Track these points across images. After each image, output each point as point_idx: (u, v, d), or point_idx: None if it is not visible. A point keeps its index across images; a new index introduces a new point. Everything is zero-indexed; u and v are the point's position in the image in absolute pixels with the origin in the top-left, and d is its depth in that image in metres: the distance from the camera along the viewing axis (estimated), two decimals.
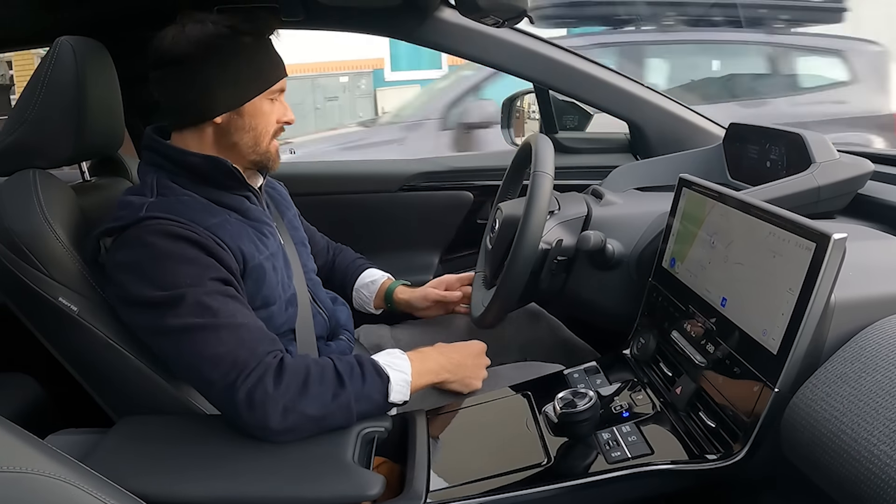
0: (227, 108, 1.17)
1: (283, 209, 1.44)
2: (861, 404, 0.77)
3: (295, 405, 1.02)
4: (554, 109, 2.13)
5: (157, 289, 1.05)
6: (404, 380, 1.13)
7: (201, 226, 1.11)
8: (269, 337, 1.09)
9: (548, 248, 1.37)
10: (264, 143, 1.21)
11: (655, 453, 1.00)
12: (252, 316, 1.10)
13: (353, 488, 0.94)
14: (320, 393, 1.04)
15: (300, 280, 1.32)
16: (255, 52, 1.17)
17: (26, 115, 1.19)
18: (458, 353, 1.29)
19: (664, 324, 1.20)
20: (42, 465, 0.56)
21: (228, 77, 1.15)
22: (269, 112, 1.20)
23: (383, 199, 2.07)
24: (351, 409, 1.05)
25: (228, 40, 1.14)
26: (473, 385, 1.30)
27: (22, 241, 1.11)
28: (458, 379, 1.28)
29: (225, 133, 1.19)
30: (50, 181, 1.19)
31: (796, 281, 0.88)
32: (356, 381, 1.07)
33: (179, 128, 1.21)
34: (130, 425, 1.09)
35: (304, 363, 1.06)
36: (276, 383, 1.02)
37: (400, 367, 1.14)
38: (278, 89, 1.21)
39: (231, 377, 1.02)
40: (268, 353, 1.05)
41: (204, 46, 1.13)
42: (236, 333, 1.04)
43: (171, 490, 0.95)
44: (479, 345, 1.35)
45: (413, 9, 1.73)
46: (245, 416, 1.01)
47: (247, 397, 1.01)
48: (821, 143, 1.42)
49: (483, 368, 1.33)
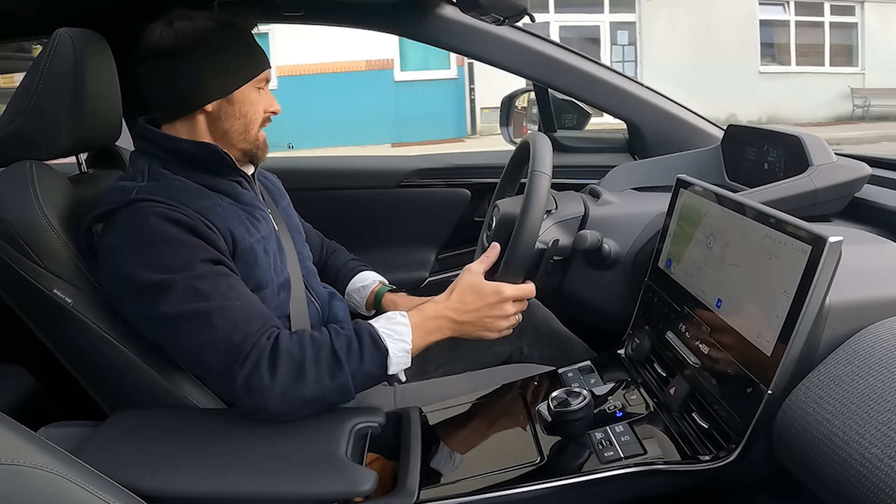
0: (218, 96, 1.19)
1: (276, 198, 1.44)
2: (853, 407, 0.78)
3: (293, 390, 1.02)
4: (553, 108, 2.14)
5: (147, 270, 1.05)
6: (404, 349, 1.09)
7: (191, 208, 1.11)
8: (261, 314, 1.08)
9: (544, 248, 1.37)
10: (253, 130, 1.23)
11: (648, 453, 1.00)
12: (246, 292, 1.10)
13: (346, 484, 0.94)
14: (317, 376, 1.03)
15: (294, 266, 1.32)
16: (240, 43, 1.21)
17: (24, 106, 1.19)
18: (467, 303, 1.17)
19: (659, 324, 1.20)
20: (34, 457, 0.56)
21: (217, 66, 1.18)
22: (257, 101, 1.23)
23: (381, 195, 2.07)
24: (349, 388, 1.05)
25: (214, 33, 1.17)
26: (490, 336, 1.19)
27: (18, 233, 1.11)
28: (468, 333, 1.18)
29: (216, 120, 1.21)
30: (47, 172, 1.19)
31: (792, 283, 0.88)
32: (353, 359, 1.05)
33: (171, 119, 1.22)
34: (123, 418, 1.09)
35: (299, 344, 1.05)
36: (272, 370, 1.02)
37: (400, 334, 1.10)
38: (264, 79, 1.24)
39: (227, 363, 1.02)
40: (262, 333, 1.05)
41: (192, 39, 1.16)
42: (229, 316, 1.04)
43: (162, 484, 0.94)
44: (495, 288, 1.18)
45: (414, 5, 1.72)
46: (245, 400, 1.03)
47: (245, 384, 1.01)
48: (819, 146, 1.42)
49: (504, 315, 1.19)
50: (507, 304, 1.18)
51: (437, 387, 1.34)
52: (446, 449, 1.13)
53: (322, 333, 1.08)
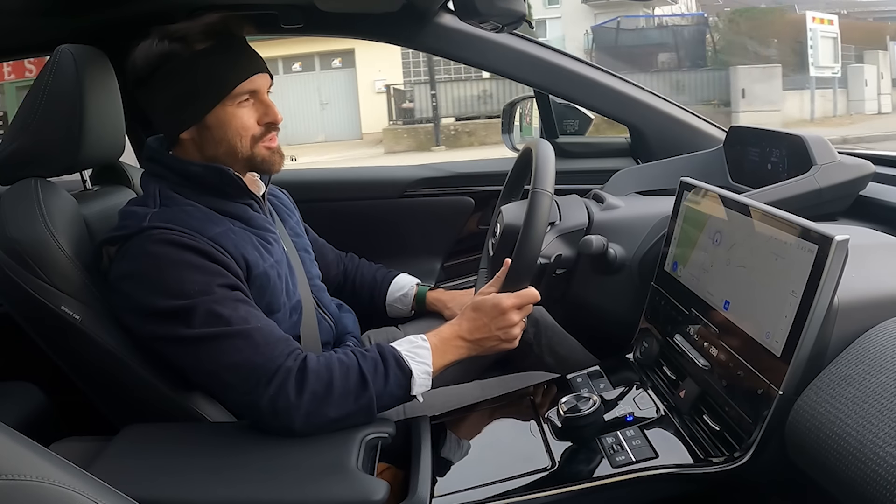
0: (188, 124, 1.17)
1: (284, 216, 1.44)
2: (866, 406, 0.77)
3: (318, 409, 1.03)
4: (554, 114, 2.14)
5: (165, 297, 1.06)
6: (426, 371, 1.12)
7: (204, 236, 1.11)
8: (283, 337, 1.09)
9: (546, 263, 1.37)
10: (244, 148, 1.18)
11: (660, 457, 1.00)
12: (263, 317, 1.11)
13: (357, 494, 0.94)
14: (343, 396, 1.05)
15: (304, 287, 1.32)
16: (212, 60, 1.14)
17: (27, 124, 1.19)
18: (474, 320, 1.20)
19: (667, 327, 1.20)
20: (46, 472, 0.56)
21: (180, 94, 1.14)
22: (242, 116, 1.17)
23: (385, 205, 2.08)
24: (372, 409, 1.07)
25: (178, 55, 1.13)
26: (506, 346, 1.22)
27: (24, 250, 1.11)
28: (486, 349, 1.21)
29: (199, 146, 1.19)
30: (52, 190, 1.19)
31: (799, 283, 0.88)
32: (379, 380, 1.08)
33: (169, 140, 1.21)
34: (134, 433, 1.09)
35: (328, 365, 1.07)
36: (299, 390, 1.03)
37: (422, 357, 1.13)
38: (245, 91, 1.17)
39: (251, 383, 1.03)
40: (286, 355, 1.06)
41: (153, 67, 1.14)
42: (251, 339, 1.05)
43: (174, 497, 0.94)
44: (493, 301, 1.20)
45: (413, 14, 1.73)
46: (269, 421, 1.04)
47: (270, 404, 1.02)
48: (822, 145, 1.42)
49: (510, 324, 1.20)
50: (510, 313, 1.20)
51: (446, 395, 1.33)
52: (457, 457, 1.13)
53: (349, 356, 1.09)
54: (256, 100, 1.19)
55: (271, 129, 1.21)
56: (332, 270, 1.62)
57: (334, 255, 1.67)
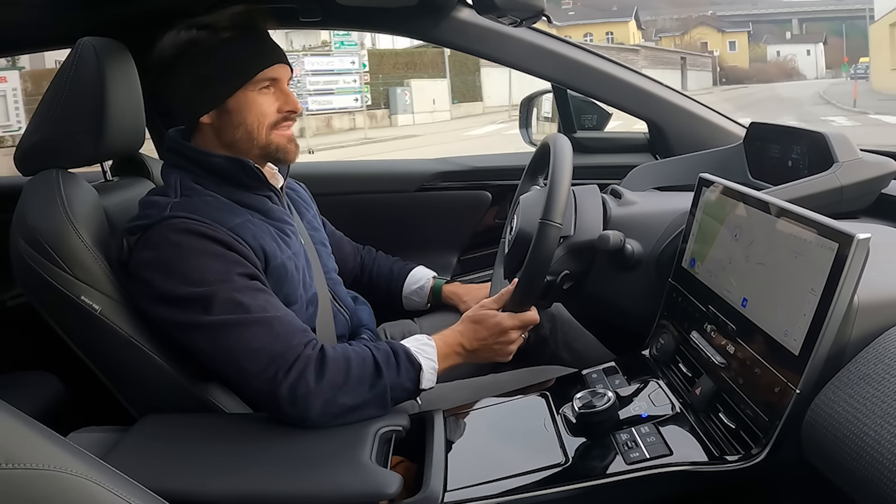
0: (209, 108, 1.19)
1: (301, 210, 1.44)
2: (885, 405, 0.76)
3: (336, 398, 1.06)
4: (572, 109, 2.13)
5: (185, 285, 1.07)
6: (432, 367, 1.17)
7: (224, 226, 1.12)
8: (301, 327, 1.11)
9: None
10: (261, 135, 1.21)
11: (674, 454, 0.99)
12: (282, 306, 1.13)
13: (371, 487, 0.94)
14: (359, 384, 1.08)
15: (320, 280, 1.33)
16: (236, 47, 1.18)
17: (49, 116, 1.20)
18: (476, 332, 1.27)
19: (684, 324, 1.19)
20: (64, 462, 0.56)
21: (204, 77, 1.17)
22: (262, 103, 1.20)
23: (402, 198, 2.08)
24: (386, 399, 1.10)
25: (204, 42, 1.17)
26: (500, 359, 1.30)
27: (45, 240, 1.12)
28: (481, 358, 1.29)
29: (218, 131, 1.21)
30: (73, 181, 1.20)
31: (819, 281, 0.87)
32: (392, 372, 1.11)
33: (188, 129, 1.24)
34: (151, 423, 1.10)
35: (344, 355, 1.10)
36: (318, 378, 1.05)
37: (429, 354, 1.18)
38: (267, 78, 1.20)
39: (270, 372, 1.05)
40: (304, 344, 1.08)
41: (178, 53, 1.17)
42: (270, 327, 1.07)
43: (191, 487, 0.95)
44: (496, 321, 1.28)
45: (430, 8, 1.73)
46: (286, 408, 1.05)
47: (289, 392, 1.04)
48: (843, 142, 1.40)
49: (508, 342, 1.28)
50: (510, 333, 1.28)
51: (460, 389, 1.34)
52: (470, 451, 1.13)
53: (362, 348, 1.13)
54: (277, 88, 1.22)
55: (289, 118, 1.24)
56: (349, 263, 1.63)
57: (351, 248, 1.67)
